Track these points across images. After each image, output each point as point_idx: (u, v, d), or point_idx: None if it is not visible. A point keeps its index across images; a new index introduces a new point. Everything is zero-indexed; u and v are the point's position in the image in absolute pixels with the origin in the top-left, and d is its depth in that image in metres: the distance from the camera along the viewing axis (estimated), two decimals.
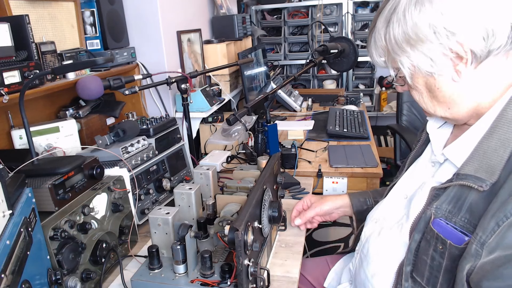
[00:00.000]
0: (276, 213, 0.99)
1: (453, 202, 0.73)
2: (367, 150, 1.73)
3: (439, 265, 0.74)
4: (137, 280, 0.91)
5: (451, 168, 0.79)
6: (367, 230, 0.98)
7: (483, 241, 0.65)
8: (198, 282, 0.88)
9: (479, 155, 0.71)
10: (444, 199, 0.75)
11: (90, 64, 1.30)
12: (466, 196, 0.71)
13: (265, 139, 1.55)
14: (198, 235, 0.92)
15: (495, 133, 0.71)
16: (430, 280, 0.76)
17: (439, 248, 0.73)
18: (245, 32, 2.52)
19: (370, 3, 3.60)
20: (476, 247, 0.66)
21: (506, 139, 0.69)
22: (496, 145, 0.69)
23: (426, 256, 0.76)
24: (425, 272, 0.76)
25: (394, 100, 3.30)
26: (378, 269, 0.89)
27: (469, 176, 0.71)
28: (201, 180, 1.16)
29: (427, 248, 0.76)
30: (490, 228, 0.64)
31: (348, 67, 1.81)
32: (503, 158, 0.68)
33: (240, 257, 0.77)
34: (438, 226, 0.74)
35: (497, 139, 0.70)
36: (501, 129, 0.70)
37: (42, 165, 0.96)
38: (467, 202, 0.71)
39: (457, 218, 0.72)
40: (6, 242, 0.64)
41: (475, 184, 0.69)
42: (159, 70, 1.70)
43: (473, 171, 0.71)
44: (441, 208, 0.74)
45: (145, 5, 1.72)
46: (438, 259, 0.74)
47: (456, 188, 0.73)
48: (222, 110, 2.14)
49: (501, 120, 0.71)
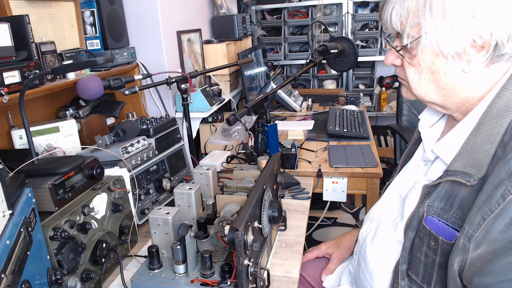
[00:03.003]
0: (276, 213, 0.99)
1: (445, 199, 0.74)
2: (367, 150, 1.73)
3: (433, 261, 0.75)
4: (137, 280, 0.91)
5: (442, 166, 0.79)
6: (363, 231, 0.99)
7: (470, 235, 0.66)
8: (198, 282, 0.88)
9: (466, 151, 0.72)
10: (435, 197, 0.76)
11: (90, 64, 1.30)
12: (457, 193, 0.72)
13: (265, 139, 1.55)
14: (198, 235, 0.92)
15: (481, 129, 0.72)
16: (425, 277, 0.77)
17: (432, 245, 0.74)
18: (245, 32, 2.52)
19: (370, 3, 3.60)
20: (464, 241, 0.67)
21: (492, 134, 0.70)
22: (482, 140, 0.70)
23: (420, 254, 0.77)
24: (419, 270, 0.77)
25: (394, 100, 3.30)
26: (375, 269, 0.89)
27: (458, 172, 0.71)
28: (201, 180, 1.16)
29: (420, 245, 0.76)
30: (476, 222, 0.65)
31: (348, 67, 1.81)
32: (490, 153, 0.69)
33: (240, 257, 0.77)
34: (430, 223, 0.75)
35: (483, 135, 0.71)
36: (487, 125, 0.71)
37: (42, 165, 0.96)
38: (458, 198, 0.72)
39: (448, 215, 0.73)
40: (6, 242, 0.64)
41: (463, 179, 0.70)
42: (159, 70, 1.70)
43: (462, 167, 0.71)
44: (433, 205, 0.75)
45: (145, 5, 1.72)
46: (431, 256, 0.75)
47: (448, 185, 0.74)
48: (222, 110, 2.14)
49: (487, 116, 0.72)
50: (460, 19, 0.69)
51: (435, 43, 0.73)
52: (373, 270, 0.90)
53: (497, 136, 0.69)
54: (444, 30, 0.71)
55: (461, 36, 0.70)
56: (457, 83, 0.75)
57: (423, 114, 0.95)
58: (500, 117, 0.70)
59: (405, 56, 0.79)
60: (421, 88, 0.79)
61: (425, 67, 0.76)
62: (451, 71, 0.74)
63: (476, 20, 0.68)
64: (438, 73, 0.75)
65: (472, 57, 0.72)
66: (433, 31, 0.72)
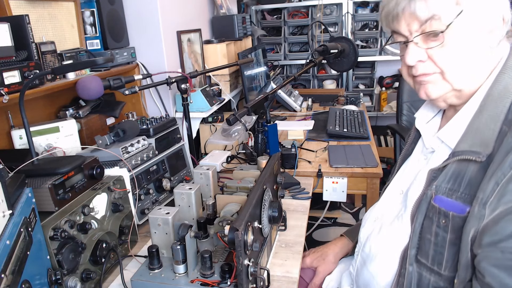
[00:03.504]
0: (276, 213, 0.99)
1: (452, 179, 0.75)
2: (367, 150, 1.73)
3: (443, 240, 0.75)
4: (137, 280, 0.91)
5: (445, 151, 0.81)
6: (365, 230, 0.98)
7: (485, 201, 0.68)
8: (198, 282, 0.88)
9: (472, 132, 0.75)
10: (442, 179, 0.77)
11: (90, 64, 1.30)
12: (465, 171, 0.74)
13: (265, 139, 1.55)
14: (198, 235, 0.92)
15: (484, 111, 0.75)
16: (435, 258, 0.77)
17: (442, 223, 0.75)
18: (245, 32, 2.52)
19: (370, 3, 3.60)
20: (479, 208, 0.68)
21: (496, 114, 0.73)
22: (487, 120, 0.74)
23: (430, 234, 0.77)
24: (429, 251, 0.77)
25: (394, 100, 3.30)
26: (383, 264, 0.89)
27: (466, 152, 0.74)
28: (201, 180, 1.16)
29: (430, 226, 0.77)
30: (490, 188, 0.67)
31: (348, 67, 1.81)
32: (495, 131, 0.72)
33: (240, 257, 0.77)
34: (439, 201, 0.76)
35: (487, 116, 0.74)
36: (490, 106, 0.75)
37: (42, 165, 0.96)
38: (466, 176, 0.74)
39: (457, 194, 0.74)
40: (6, 242, 0.64)
41: (472, 156, 0.72)
42: (159, 70, 1.70)
43: (468, 146, 0.74)
44: (441, 186, 0.76)
45: (145, 5, 1.72)
46: (441, 234, 0.76)
47: (455, 165, 0.76)
48: (222, 110, 2.14)
49: (489, 99, 0.76)
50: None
51: (473, 18, 0.73)
52: (380, 266, 0.90)
53: (501, 115, 0.72)
54: (481, 2, 0.73)
55: (495, 11, 0.73)
56: (483, 61, 0.77)
57: (419, 112, 0.96)
58: (501, 99, 0.74)
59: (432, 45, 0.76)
60: (458, 72, 0.77)
61: (460, 46, 0.75)
62: (482, 48, 0.76)
63: None
64: (472, 50, 0.75)
65: (498, 32, 0.75)
66: (472, 5, 0.73)
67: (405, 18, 0.77)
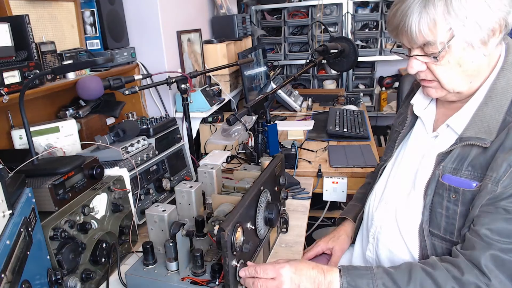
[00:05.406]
0: (272, 215, 0.99)
1: (457, 160, 0.87)
2: (367, 150, 1.73)
3: (454, 212, 0.86)
4: (130, 274, 0.92)
5: (451, 136, 0.91)
6: (379, 214, 1.02)
7: (498, 179, 0.79)
8: (189, 280, 0.88)
9: (477, 121, 0.86)
10: (448, 160, 0.88)
11: (90, 64, 1.30)
12: (468, 154, 0.85)
13: (265, 139, 1.55)
14: (190, 233, 0.92)
15: (489, 103, 0.86)
16: (447, 229, 0.88)
17: (452, 197, 0.86)
18: (245, 32, 2.52)
19: (370, 3, 3.60)
20: (492, 185, 0.79)
21: (500, 106, 0.84)
22: (491, 111, 0.85)
23: (441, 208, 0.88)
24: (441, 223, 0.88)
25: (394, 100, 3.30)
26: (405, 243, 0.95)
27: (472, 138, 0.85)
28: (205, 179, 1.17)
29: (440, 201, 0.88)
30: (503, 170, 0.78)
31: (348, 67, 1.81)
32: (498, 121, 0.83)
33: (227, 258, 0.78)
34: (447, 179, 0.87)
35: (492, 107, 0.85)
36: (494, 99, 0.85)
37: (42, 165, 0.96)
38: (468, 158, 0.85)
39: (461, 172, 0.85)
40: (6, 242, 0.64)
41: (478, 142, 0.83)
42: (159, 70, 1.70)
43: (474, 133, 0.85)
44: (447, 166, 0.88)
45: (145, 5, 1.72)
46: (452, 208, 0.86)
47: (459, 150, 0.87)
48: (222, 110, 2.14)
49: (493, 92, 0.86)
50: (480, 12, 0.78)
51: (464, 39, 0.81)
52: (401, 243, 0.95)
53: (504, 107, 0.84)
54: (470, 25, 0.79)
55: (485, 26, 0.79)
56: (481, 67, 0.86)
57: (415, 99, 1.04)
58: (505, 93, 0.85)
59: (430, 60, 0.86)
60: (453, 82, 0.87)
61: (454, 62, 0.84)
62: (477, 59, 0.84)
63: (493, 10, 0.79)
64: (466, 63, 0.84)
65: (491, 41, 0.82)
66: (462, 29, 0.80)
67: (406, 36, 0.86)
